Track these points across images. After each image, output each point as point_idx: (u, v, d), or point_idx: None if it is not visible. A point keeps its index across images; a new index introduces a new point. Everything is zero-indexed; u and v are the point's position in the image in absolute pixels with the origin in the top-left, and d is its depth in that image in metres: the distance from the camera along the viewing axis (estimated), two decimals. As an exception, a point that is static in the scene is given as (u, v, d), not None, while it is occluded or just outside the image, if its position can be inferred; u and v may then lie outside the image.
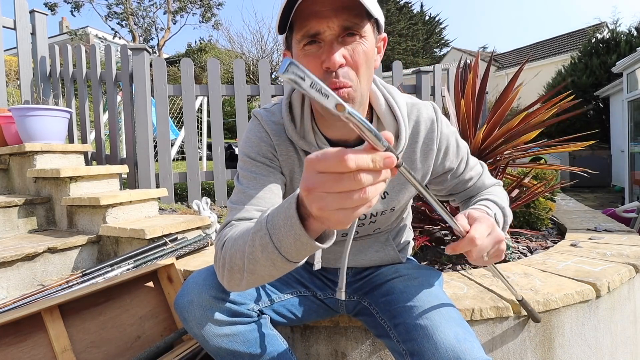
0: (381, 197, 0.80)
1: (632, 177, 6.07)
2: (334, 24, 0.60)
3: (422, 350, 0.67)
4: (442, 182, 0.88)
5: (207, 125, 4.83)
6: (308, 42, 0.62)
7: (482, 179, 0.89)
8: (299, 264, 0.52)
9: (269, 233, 0.50)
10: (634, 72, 6.10)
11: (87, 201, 1.78)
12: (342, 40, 0.61)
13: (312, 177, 0.38)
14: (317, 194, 0.38)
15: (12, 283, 1.51)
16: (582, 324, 1.10)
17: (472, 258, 0.61)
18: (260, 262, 0.53)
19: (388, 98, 0.75)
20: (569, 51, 11.94)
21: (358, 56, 0.62)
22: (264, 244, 0.50)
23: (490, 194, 0.84)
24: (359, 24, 0.61)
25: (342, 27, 0.60)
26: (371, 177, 0.36)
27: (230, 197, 0.75)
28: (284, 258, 0.50)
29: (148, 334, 1.18)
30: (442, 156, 0.82)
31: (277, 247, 0.49)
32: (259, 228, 0.52)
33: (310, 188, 0.38)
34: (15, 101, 4.95)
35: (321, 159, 0.37)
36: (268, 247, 0.50)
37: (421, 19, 20.12)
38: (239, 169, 0.76)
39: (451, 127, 0.83)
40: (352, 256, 0.90)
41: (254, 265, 0.54)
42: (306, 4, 0.58)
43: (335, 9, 0.59)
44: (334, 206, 0.37)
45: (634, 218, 2.61)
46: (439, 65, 3.11)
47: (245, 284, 0.58)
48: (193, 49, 16.29)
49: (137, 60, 2.61)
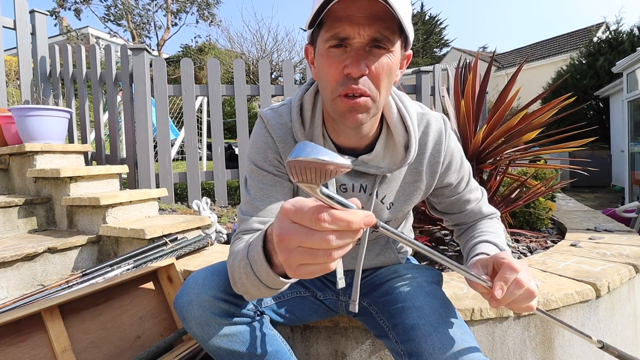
0: (387, 208, 0.80)
1: (632, 177, 6.07)
2: (365, 32, 0.58)
3: (419, 350, 0.67)
4: (438, 196, 0.86)
5: (207, 125, 4.84)
6: (335, 44, 0.60)
7: (480, 205, 0.87)
8: (283, 288, 0.56)
9: (250, 263, 0.54)
10: (634, 72, 6.10)
11: (87, 201, 1.78)
12: (369, 50, 0.60)
13: (286, 226, 0.38)
14: (286, 243, 0.38)
15: (12, 283, 1.51)
16: (582, 324, 1.10)
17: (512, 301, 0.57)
18: (248, 286, 0.58)
19: (400, 108, 0.74)
20: (569, 51, 11.95)
21: (382, 68, 0.61)
22: (247, 272, 0.55)
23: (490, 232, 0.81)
24: (390, 38, 0.59)
25: (372, 37, 0.59)
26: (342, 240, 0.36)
27: (240, 204, 0.77)
28: (266, 286, 0.54)
29: (148, 334, 1.18)
30: (445, 170, 0.80)
31: (258, 276, 0.53)
32: (242, 257, 0.57)
33: (281, 237, 0.38)
34: (15, 101, 4.96)
35: (297, 210, 0.37)
36: (250, 275, 0.55)
37: (421, 18, 20.13)
38: (247, 176, 0.77)
39: (458, 144, 0.82)
40: (352, 259, 0.90)
41: (245, 288, 0.60)
42: (341, 6, 0.57)
43: (369, 18, 0.57)
44: (298, 260, 0.38)
45: (634, 218, 2.61)
46: (439, 65, 3.11)
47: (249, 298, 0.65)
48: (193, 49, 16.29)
49: (137, 60, 2.61)
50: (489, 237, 0.77)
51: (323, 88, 0.66)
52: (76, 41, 10.32)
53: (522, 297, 0.56)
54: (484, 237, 0.77)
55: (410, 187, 0.80)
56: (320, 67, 0.64)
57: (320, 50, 0.63)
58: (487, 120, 1.64)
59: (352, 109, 0.62)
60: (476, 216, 0.87)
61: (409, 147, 0.73)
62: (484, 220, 0.87)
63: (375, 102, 0.63)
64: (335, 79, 0.61)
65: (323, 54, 0.62)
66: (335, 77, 0.61)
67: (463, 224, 0.90)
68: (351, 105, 0.61)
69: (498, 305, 0.56)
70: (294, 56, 12.47)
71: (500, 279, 0.56)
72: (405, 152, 0.74)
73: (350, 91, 0.61)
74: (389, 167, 0.74)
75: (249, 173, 0.76)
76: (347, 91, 0.61)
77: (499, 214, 0.91)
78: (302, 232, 0.36)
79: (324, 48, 0.62)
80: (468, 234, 0.85)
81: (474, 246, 0.76)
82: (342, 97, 0.61)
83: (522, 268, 0.57)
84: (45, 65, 2.96)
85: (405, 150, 0.74)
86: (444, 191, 0.84)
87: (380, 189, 0.77)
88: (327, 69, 0.62)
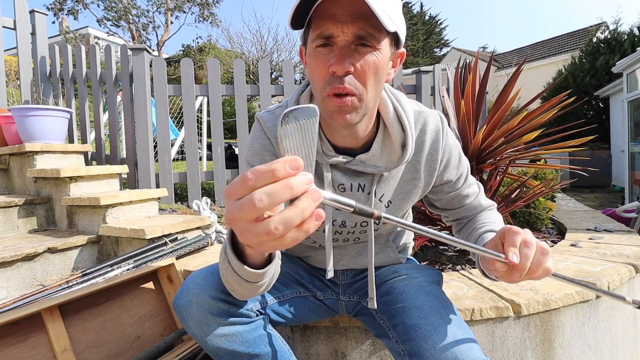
0: (385, 206, 0.80)
1: (632, 177, 6.07)
2: (349, 30, 0.58)
3: (420, 350, 0.67)
4: (438, 193, 0.87)
5: (207, 125, 4.84)
6: (321, 43, 0.61)
7: (479, 199, 0.88)
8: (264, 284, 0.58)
9: (227, 259, 0.54)
10: (634, 72, 6.10)
11: (87, 201, 1.78)
12: (355, 49, 0.60)
13: (228, 207, 0.35)
14: (234, 224, 0.35)
15: (12, 283, 1.51)
16: (582, 324, 1.10)
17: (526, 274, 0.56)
18: (231, 283, 0.58)
19: (397, 106, 0.74)
20: (569, 51, 11.95)
21: (368, 67, 0.60)
22: (226, 267, 0.55)
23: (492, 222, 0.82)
24: (374, 35, 0.59)
25: (356, 35, 0.59)
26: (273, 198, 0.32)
27: None
28: (246, 281, 0.55)
29: (148, 334, 1.18)
30: (443, 168, 0.81)
31: (236, 271, 0.54)
32: (221, 255, 0.57)
33: (228, 219, 0.35)
34: (15, 101, 4.96)
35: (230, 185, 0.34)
36: (229, 270, 0.55)
37: (421, 19, 20.15)
38: None
39: (456, 141, 0.82)
40: (352, 258, 0.90)
41: (230, 285, 0.60)
42: (325, 5, 0.57)
43: (353, 15, 0.57)
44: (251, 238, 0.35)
45: (634, 218, 2.61)
46: (439, 65, 3.11)
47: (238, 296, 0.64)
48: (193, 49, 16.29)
49: (137, 60, 2.61)
50: (492, 227, 0.78)
51: (313, 88, 0.66)
52: (75, 42, 10.32)
53: (536, 257, 0.55)
54: (487, 228, 0.78)
55: (408, 185, 0.80)
56: (309, 67, 0.65)
57: (309, 50, 0.64)
58: (487, 120, 1.64)
59: (340, 109, 0.62)
60: (476, 210, 0.88)
61: (406, 145, 0.73)
62: (483, 212, 0.88)
63: (363, 100, 0.63)
64: (323, 78, 0.62)
65: (311, 53, 0.63)
66: (322, 77, 0.62)
67: (463, 219, 0.90)
68: (339, 104, 0.61)
69: (520, 277, 0.54)
70: (294, 56, 12.48)
71: (509, 244, 0.55)
72: (402, 151, 0.74)
73: (337, 90, 0.61)
74: (387, 166, 0.74)
75: None
76: (334, 90, 0.61)
77: (496, 205, 0.92)
78: (237, 205, 0.33)
79: (312, 48, 0.62)
80: (469, 227, 0.85)
81: (478, 237, 0.77)
82: (331, 96, 0.62)
83: (526, 230, 0.57)
84: (45, 65, 2.96)
85: (402, 149, 0.74)
86: (443, 188, 0.85)
87: (379, 188, 0.77)
88: (315, 68, 0.63)
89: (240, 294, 0.62)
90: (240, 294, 0.62)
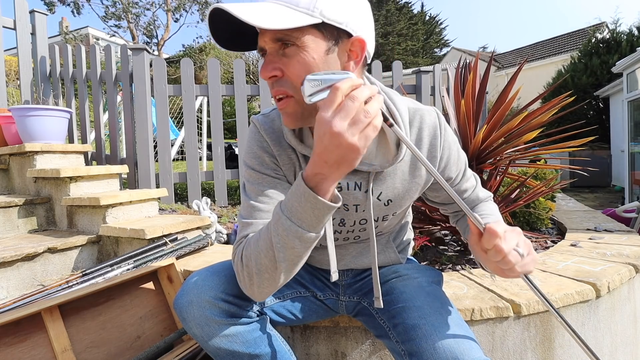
0: (384, 205, 0.80)
1: (632, 177, 6.07)
2: (267, 39, 0.61)
3: (420, 350, 0.67)
4: (437, 190, 0.87)
5: (207, 125, 4.84)
6: (261, 54, 0.65)
7: (476, 191, 0.89)
8: (320, 234, 0.60)
9: (289, 217, 0.57)
10: (634, 72, 6.09)
11: (87, 201, 1.78)
12: (283, 53, 0.61)
13: (337, 109, 0.49)
14: (349, 112, 0.49)
15: (12, 283, 1.51)
16: (582, 323, 1.10)
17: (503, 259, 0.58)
18: (289, 245, 0.59)
19: (389, 104, 0.73)
20: (569, 51, 11.94)
21: (293, 68, 0.61)
22: (287, 227, 0.57)
23: (489, 214, 0.84)
24: (290, 34, 0.59)
25: (275, 39, 0.61)
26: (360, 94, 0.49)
27: (239, 211, 0.77)
28: (308, 232, 0.58)
29: (148, 334, 1.18)
30: (444, 165, 0.81)
31: (299, 225, 0.57)
32: (277, 218, 0.59)
33: (332, 133, 0.49)
34: (15, 101, 4.96)
35: (327, 105, 0.50)
36: (291, 228, 0.57)
37: (421, 19, 20.13)
38: (245, 181, 0.77)
39: (454, 136, 0.83)
40: (352, 258, 0.90)
41: (284, 252, 0.59)
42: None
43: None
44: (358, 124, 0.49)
45: (634, 218, 2.61)
46: (439, 65, 3.11)
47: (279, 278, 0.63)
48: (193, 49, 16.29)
49: (137, 60, 2.61)
50: (488, 220, 0.80)
51: None
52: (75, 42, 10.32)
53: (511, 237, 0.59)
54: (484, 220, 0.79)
55: (408, 183, 0.80)
56: None
57: None
58: (487, 120, 1.64)
59: (283, 111, 0.66)
60: (473, 203, 0.89)
61: (400, 144, 0.73)
62: (480, 204, 0.89)
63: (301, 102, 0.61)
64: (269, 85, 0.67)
65: None
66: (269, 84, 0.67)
67: (461, 211, 0.92)
68: (280, 107, 0.65)
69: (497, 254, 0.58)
70: (294, 56, 12.43)
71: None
72: (397, 149, 0.74)
73: (274, 94, 0.65)
74: (382, 164, 0.74)
75: (247, 178, 0.76)
76: (273, 95, 0.65)
77: (492, 195, 0.93)
78: (345, 105, 0.49)
79: None
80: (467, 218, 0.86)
81: None
82: (276, 101, 0.66)
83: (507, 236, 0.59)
84: (45, 65, 2.96)
85: (397, 148, 0.74)
86: None
87: (376, 186, 0.77)
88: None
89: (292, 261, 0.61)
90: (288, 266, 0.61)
